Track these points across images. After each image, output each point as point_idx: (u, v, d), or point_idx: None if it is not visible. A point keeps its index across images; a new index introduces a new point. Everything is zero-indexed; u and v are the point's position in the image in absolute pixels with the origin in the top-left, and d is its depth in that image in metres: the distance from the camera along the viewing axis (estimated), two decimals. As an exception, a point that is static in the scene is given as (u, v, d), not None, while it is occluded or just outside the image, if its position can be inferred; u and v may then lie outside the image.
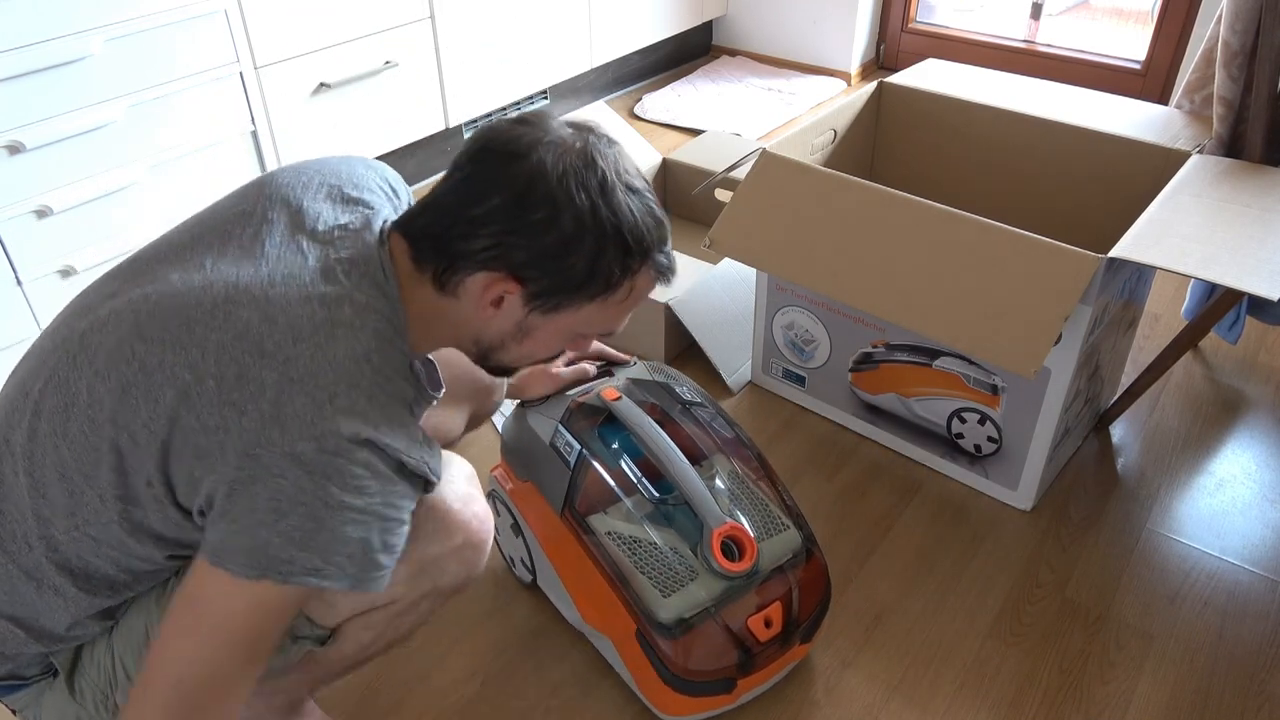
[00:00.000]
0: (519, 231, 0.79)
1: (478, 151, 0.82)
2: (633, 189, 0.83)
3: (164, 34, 1.73)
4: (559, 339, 0.88)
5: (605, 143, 0.84)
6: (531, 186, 0.79)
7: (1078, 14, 3.41)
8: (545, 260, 0.80)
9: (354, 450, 0.74)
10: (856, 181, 1.39)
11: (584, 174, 0.80)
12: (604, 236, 0.80)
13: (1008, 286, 1.23)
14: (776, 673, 1.15)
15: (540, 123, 0.83)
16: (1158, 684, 1.21)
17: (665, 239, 0.86)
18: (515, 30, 2.45)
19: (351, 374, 0.76)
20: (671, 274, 0.88)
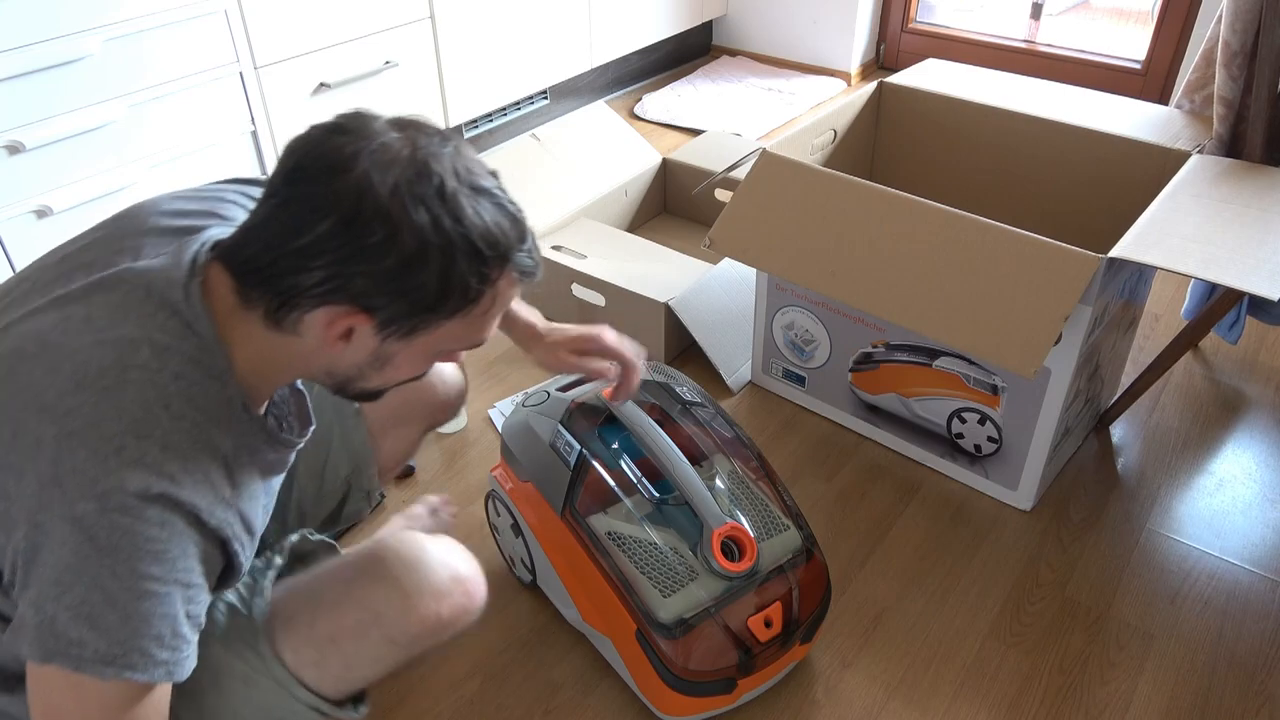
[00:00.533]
0: (355, 258, 0.70)
1: (292, 171, 0.72)
2: (478, 189, 0.74)
3: (164, 34, 1.73)
4: (423, 360, 0.81)
5: (438, 141, 0.74)
6: (360, 206, 0.69)
7: (1078, 14, 3.41)
8: (390, 285, 0.71)
9: (144, 508, 0.67)
10: (856, 181, 1.39)
11: (418, 183, 0.70)
12: (452, 249, 0.71)
13: (1008, 286, 1.23)
14: (776, 673, 1.15)
15: (360, 128, 0.72)
16: (1158, 684, 1.21)
17: (524, 235, 0.77)
18: (515, 30, 2.45)
19: (142, 422, 0.69)
20: (536, 272, 0.79)
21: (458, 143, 0.76)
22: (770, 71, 3.17)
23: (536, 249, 0.80)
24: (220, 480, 0.74)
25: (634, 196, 2.16)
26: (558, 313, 1.90)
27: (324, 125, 0.73)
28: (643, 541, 1.08)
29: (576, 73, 2.73)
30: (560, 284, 1.84)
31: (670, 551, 1.08)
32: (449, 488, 1.50)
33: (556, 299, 1.87)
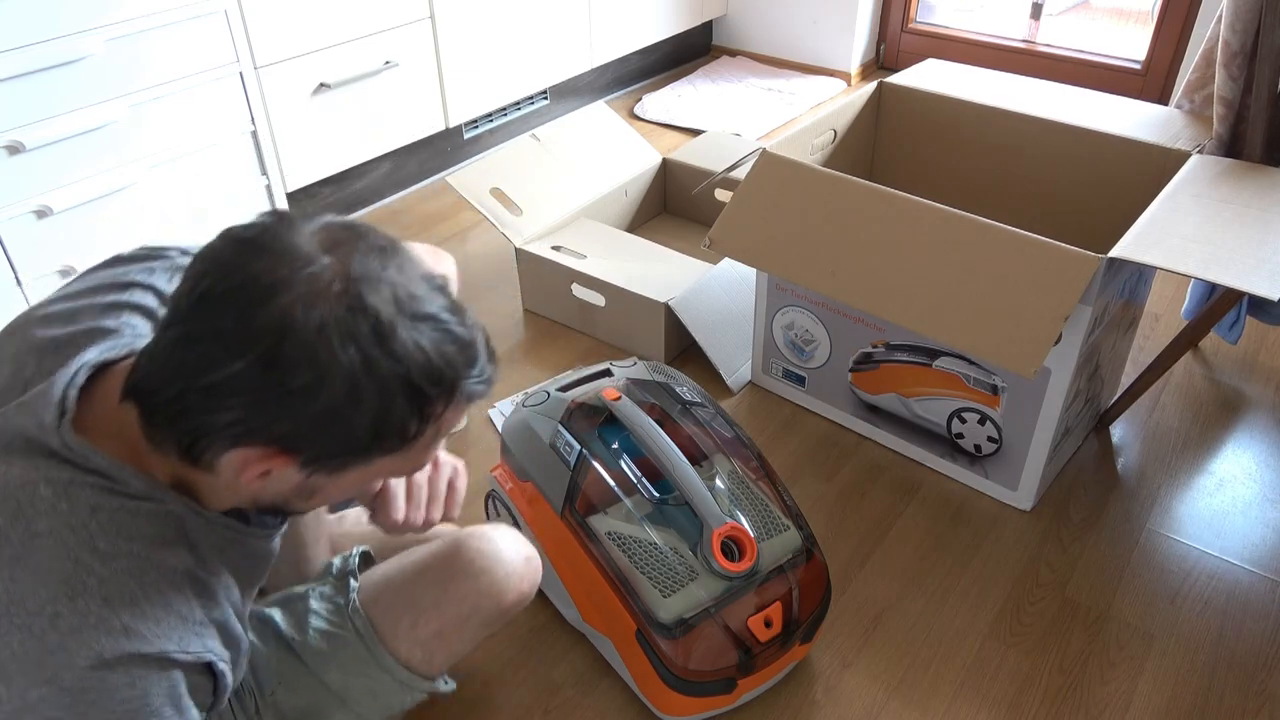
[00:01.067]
0: (275, 402, 0.61)
1: (202, 297, 0.61)
2: (421, 316, 0.64)
3: (164, 34, 1.73)
4: (355, 488, 0.73)
5: (376, 259, 0.64)
6: (281, 348, 0.60)
7: (1078, 14, 3.41)
8: (317, 430, 0.63)
9: (103, 677, 0.60)
10: (856, 181, 1.39)
11: (350, 322, 0.61)
12: (388, 392, 0.63)
13: (1008, 286, 1.23)
14: (776, 673, 1.15)
15: (283, 250, 0.62)
16: (1158, 684, 1.21)
17: (473, 360, 0.68)
18: (515, 30, 2.45)
19: (71, 580, 0.61)
20: (487, 393, 0.71)
21: (400, 259, 0.66)
22: (770, 71, 3.17)
23: (490, 365, 0.71)
24: (185, 603, 0.66)
25: (634, 196, 2.16)
26: (558, 313, 1.90)
27: (240, 240, 0.63)
28: (643, 541, 1.08)
29: (576, 73, 2.73)
30: (560, 284, 1.84)
31: (670, 551, 1.08)
32: (449, 488, 1.50)
33: (556, 299, 1.87)
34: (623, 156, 2.15)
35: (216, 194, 1.92)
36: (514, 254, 1.91)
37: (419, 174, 2.49)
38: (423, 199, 2.43)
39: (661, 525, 1.10)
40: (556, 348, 1.84)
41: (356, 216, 2.34)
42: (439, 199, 2.42)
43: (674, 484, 1.10)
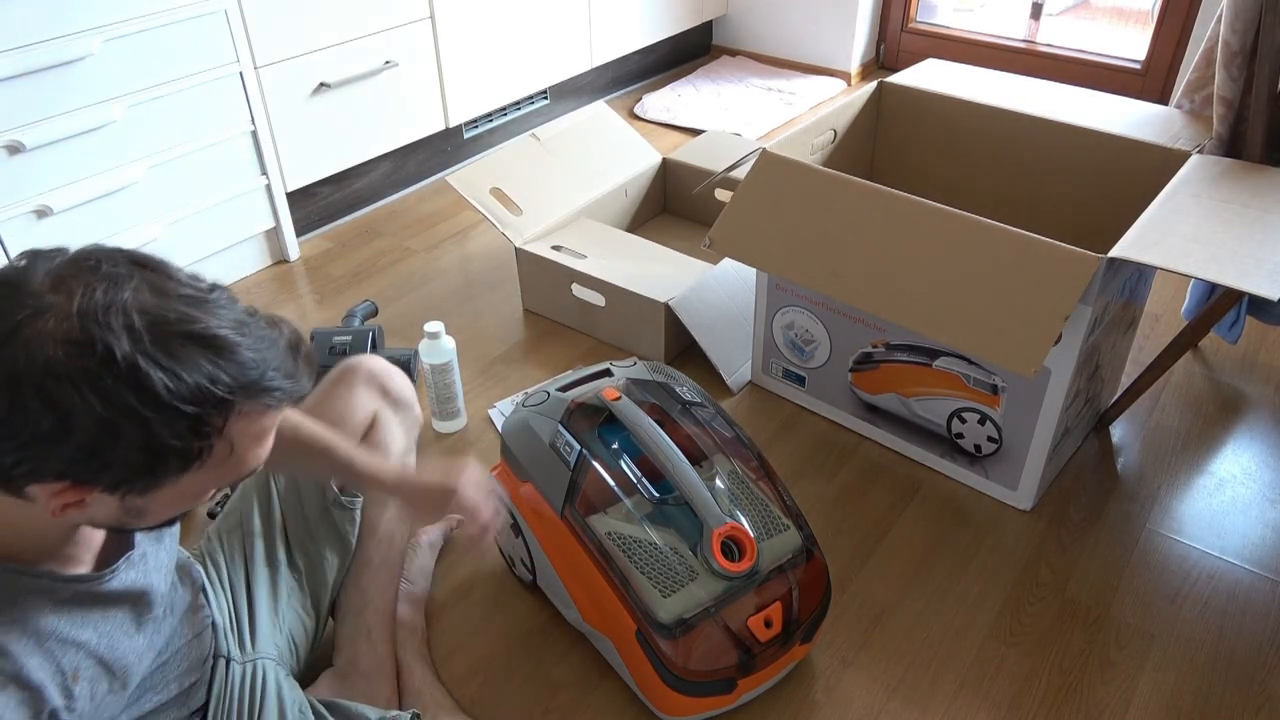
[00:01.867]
0: (34, 444, 0.61)
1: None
2: (170, 337, 0.63)
3: (164, 34, 1.73)
4: (183, 501, 0.73)
5: (105, 290, 0.62)
6: (18, 393, 0.60)
7: (1078, 14, 3.41)
8: (88, 463, 0.63)
9: None
10: (856, 181, 1.39)
11: (82, 358, 0.60)
12: (145, 421, 0.62)
13: (1008, 286, 1.23)
14: (776, 673, 1.15)
15: (15, 289, 0.62)
16: (1158, 684, 1.21)
17: (253, 369, 0.67)
18: (515, 30, 2.45)
19: None
20: (292, 389, 0.70)
21: (146, 277, 0.65)
22: (770, 71, 3.17)
23: (291, 364, 0.70)
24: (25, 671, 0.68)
25: (634, 196, 2.16)
26: (558, 313, 1.90)
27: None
28: (642, 541, 1.08)
29: (576, 73, 2.73)
30: (560, 284, 1.84)
31: (670, 551, 1.08)
32: (449, 488, 1.50)
33: (556, 299, 1.87)
34: (623, 156, 2.15)
35: (216, 194, 1.92)
36: (514, 254, 1.91)
37: (419, 174, 2.49)
38: (423, 199, 2.43)
39: (661, 525, 1.10)
40: (556, 348, 1.84)
41: (356, 216, 2.34)
42: (439, 199, 2.42)
43: (674, 484, 1.10)
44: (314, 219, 2.26)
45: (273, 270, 2.11)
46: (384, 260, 2.15)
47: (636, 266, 1.80)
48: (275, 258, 2.14)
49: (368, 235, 2.25)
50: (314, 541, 1.15)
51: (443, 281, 2.06)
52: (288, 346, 0.71)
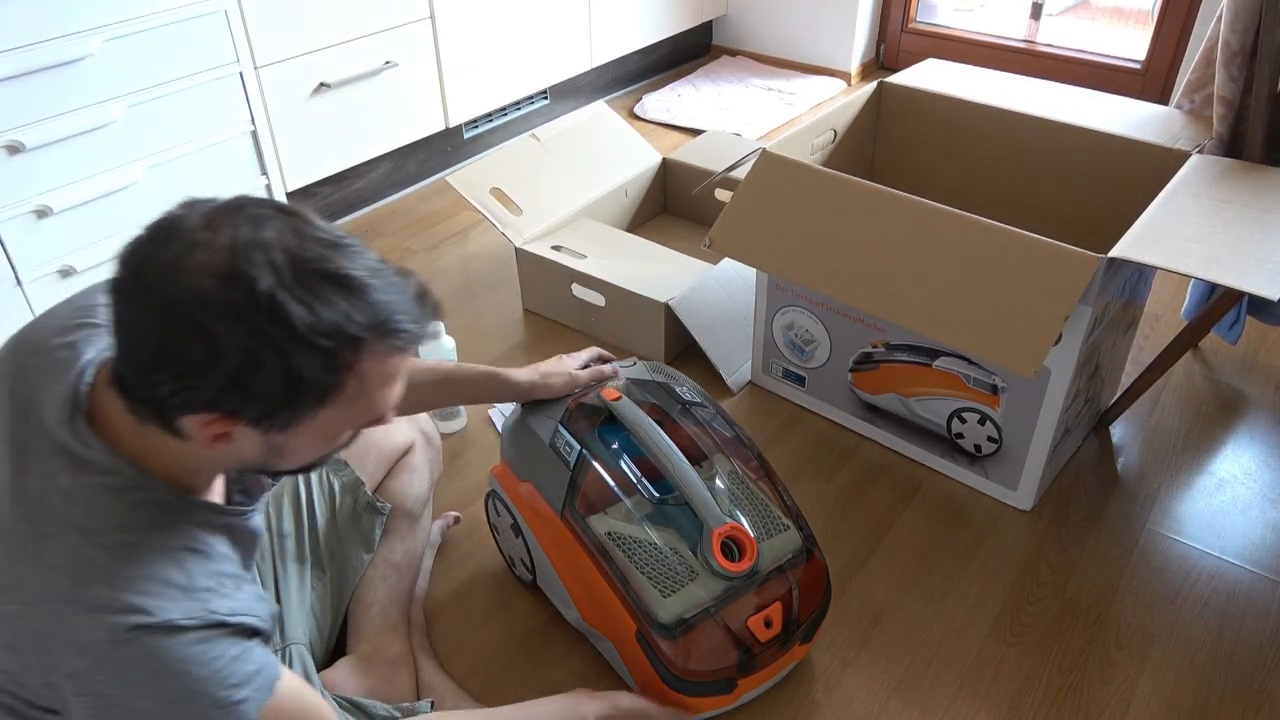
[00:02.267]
0: (187, 374, 0.67)
1: (116, 289, 0.69)
2: (310, 275, 0.68)
3: (164, 34, 1.73)
4: (321, 442, 0.78)
5: (251, 227, 0.68)
6: (172, 324, 0.66)
7: (1078, 14, 3.41)
8: (235, 393, 0.68)
9: (123, 649, 0.69)
10: (856, 181, 1.39)
11: (228, 290, 0.65)
12: (285, 352, 0.67)
13: (1008, 286, 1.23)
14: (776, 673, 1.15)
15: (174, 228, 0.69)
16: (1158, 684, 1.21)
17: (383, 310, 0.70)
18: (515, 30, 2.45)
19: (79, 571, 0.70)
20: (418, 332, 0.74)
21: (289, 221, 0.69)
22: (770, 71, 3.17)
23: (417, 310, 0.74)
24: (184, 575, 0.73)
25: (634, 196, 2.16)
26: (558, 313, 1.90)
27: (145, 229, 0.70)
28: (642, 542, 1.08)
29: (576, 73, 2.73)
30: (560, 284, 1.84)
31: (670, 551, 1.08)
32: (449, 488, 1.50)
33: (556, 299, 1.87)
34: (623, 156, 2.15)
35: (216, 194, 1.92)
36: (514, 254, 1.91)
37: (419, 174, 2.49)
38: (423, 199, 2.43)
39: (661, 525, 1.10)
40: (556, 348, 1.84)
41: (356, 216, 2.34)
42: (439, 199, 2.42)
43: (674, 484, 1.10)
44: (314, 219, 2.26)
45: (273, 270, 2.11)
46: (384, 260, 2.14)
47: (636, 266, 1.80)
48: (275, 258, 2.14)
49: (368, 235, 2.25)
50: (342, 544, 1.19)
51: (443, 281, 2.06)
52: (415, 294, 0.75)
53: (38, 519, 0.72)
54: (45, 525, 0.71)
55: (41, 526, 0.71)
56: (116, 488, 0.73)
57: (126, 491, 0.73)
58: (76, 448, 0.73)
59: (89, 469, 0.73)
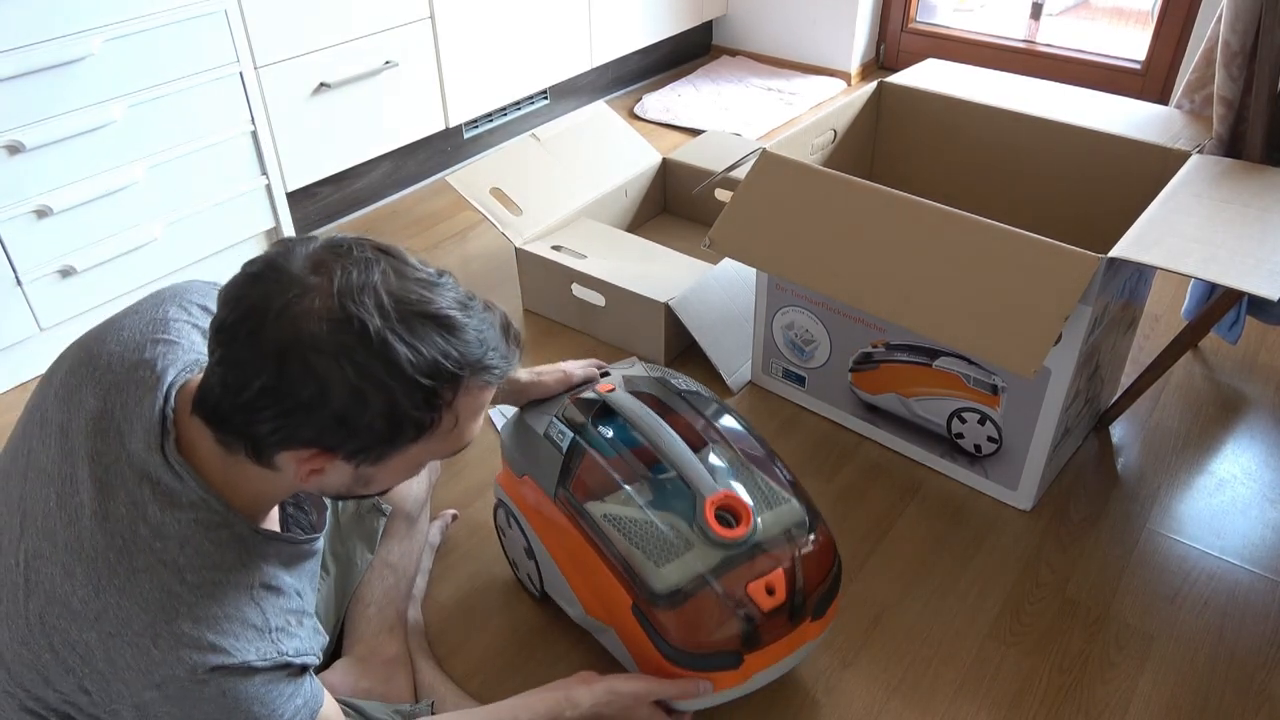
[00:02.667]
0: (294, 412, 0.70)
1: (222, 327, 0.71)
2: (413, 317, 0.71)
3: (164, 34, 1.73)
4: (405, 472, 0.81)
5: (364, 270, 0.71)
6: (285, 364, 0.69)
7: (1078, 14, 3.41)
8: (338, 430, 0.71)
9: (200, 688, 0.72)
10: (856, 181, 1.39)
11: (340, 332, 0.69)
12: (390, 391, 0.70)
13: (1008, 286, 1.23)
14: (788, 652, 1.08)
15: (280, 271, 0.70)
16: (1158, 684, 1.21)
17: (479, 344, 0.75)
18: (515, 30, 2.45)
19: (165, 607, 0.73)
20: (506, 367, 0.78)
21: (390, 262, 0.73)
22: (770, 71, 3.17)
23: (505, 344, 0.78)
24: (258, 613, 0.77)
25: (634, 196, 2.16)
26: (558, 313, 1.90)
27: (247, 273, 0.72)
28: (637, 519, 1.06)
29: (576, 73, 2.73)
30: (560, 284, 1.84)
31: (665, 526, 1.04)
32: (448, 487, 1.50)
33: (556, 299, 1.87)
34: (623, 156, 2.15)
35: (216, 194, 1.92)
36: (514, 254, 1.91)
37: (419, 174, 2.49)
38: (423, 199, 2.43)
39: (656, 503, 1.07)
40: (556, 348, 1.84)
41: (356, 217, 2.34)
42: (439, 199, 2.42)
43: (665, 459, 1.08)
44: (314, 219, 2.26)
45: (273, 270, 2.11)
46: (384, 260, 2.14)
47: (636, 266, 1.80)
48: (275, 258, 2.14)
49: (368, 235, 2.25)
50: (345, 545, 1.20)
51: (443, 281, 2.06)
52: (501, 328, 0.79)
53: (127, 550, 0.73)
54: (135, 558, 0.73)
55: (131, 559, 0.73)
56: (206, 524, 0.76)
57: (214, 529, 0.76)
58: (166, 478, 0.75)
59: (179, 503, 0.75)
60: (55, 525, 0.75)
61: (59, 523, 0.75)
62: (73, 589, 0.73)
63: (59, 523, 0.75)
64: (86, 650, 0.72)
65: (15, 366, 1.76)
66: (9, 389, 1.76)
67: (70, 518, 0.75)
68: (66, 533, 0.75)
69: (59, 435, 0.79)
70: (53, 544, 0.75)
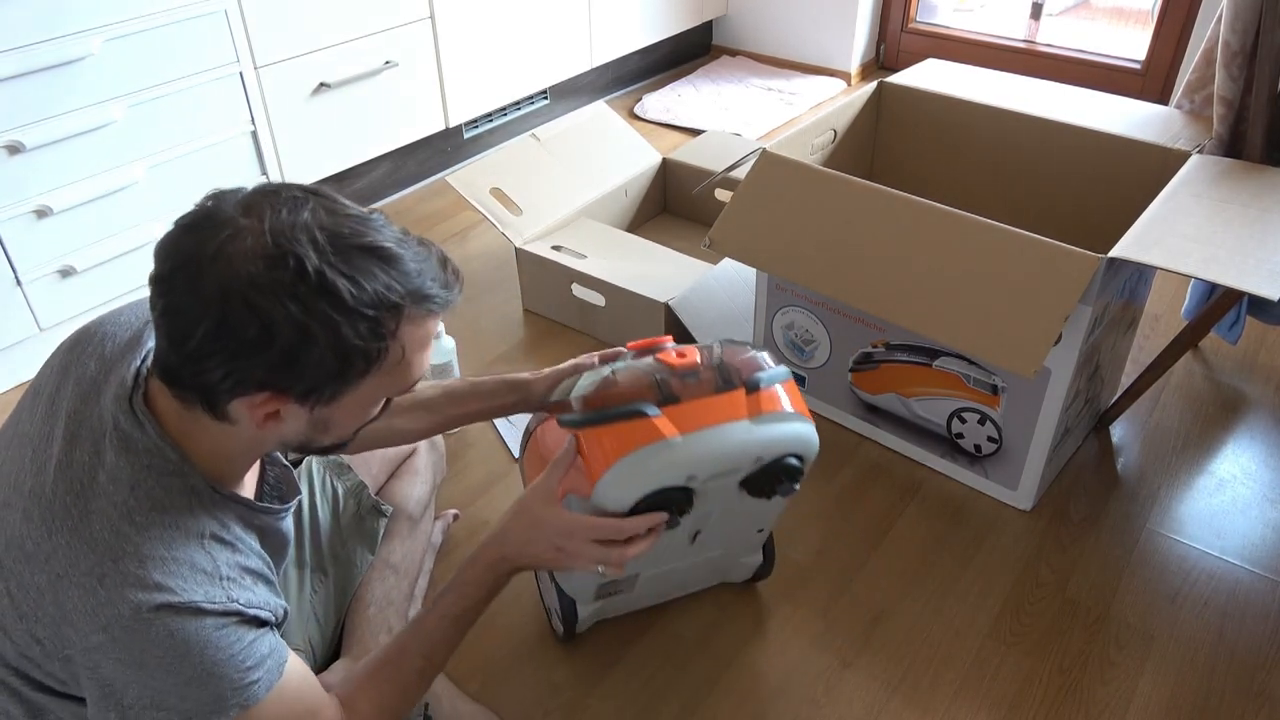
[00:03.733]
0: (241, 354, 0.70)
1: (159, 279, 0.71)
2: (348, 249, 0.71)
3: (164, 34, 1.73)
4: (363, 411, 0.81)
5: (293, 209, 0.71)
6: (226, 306, 0.68)
7: (1078, 14, 3.41)
8: (287, 369, 0.71)
9: (146, 625, 0.71)
10: (856, 181, 1.39)
11: (275, 269, 0.68)
12: (334, 324, 0.70)
13: (1008, 286, 1.23)
14: (711, 418, 0.99)
15: (213, 218, 0.70)
16: (1158, 684, 1.21)
17: (417, 278, 0.74)
18: (515, 30, 2.45)
19: (113, 547, 0.72)
20: (450, 298, 0.78)
21: (319, 201, 0.73)
22: (770, 71, 3.17)
23: (443, 275, 0.78)
24: (207, 559, 0.76)
25: (634, 196, 2.16)
26: (558, 313, 1.90)
27: (181, 224, 0.72)
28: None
29: (576, 73, 2.73)
30: (560, 284, 1.84)
31: None
32: (450, 487, 1.50)
33: (556, 299, 1.87)
34: (623, 156, 2.15)
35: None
36: (514, 254, 1.91)
37: (419, 174, 2.49)
38: (423, 199, 2.43)
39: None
40: (556, 348, 1.84)
41: (356, 216, 2.34)
42: (439, 199, 2.42)
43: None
44: (314, 219, 2.26)
45: (273, 270, 2.11)
46: (384, 260, 2.14)
47: (636, 266, 1.80)
48: (275, 258, 2.14)
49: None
50: (345, 546, 1.20)
51: (443, 281, 2.06)
52: (438, 260, 0.78)
53: (82, 494, 0.74)
54: (89, 502, 0.74)
55: (85, 503, 0.74)
56: (159, 470, 0.76)
57: (168, 475, 0.76)
58: (127, 425, 0.76)
59: (134, 449, 0.76)
60: (24, 476, 0.77)
61: (28, 474, 0.77)
62: (28, 531, 0.74)
63: (28, 474, 0.77)
64: (38, 593, 0.73)
65: (15, 366, 1.76)
66: (9, 389, 1.76)
67: (38, 468, 0.77)
68: (32, 481, 0.76)
69: (46, 403, 0.81)
70: (19, 493, 0.76)
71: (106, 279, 1.79)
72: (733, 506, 1.09)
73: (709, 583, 1.32)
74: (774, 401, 1.03)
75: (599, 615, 1.26)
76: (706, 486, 1.02)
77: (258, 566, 0.82)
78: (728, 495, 1.06)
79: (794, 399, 1.05)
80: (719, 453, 1.00)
